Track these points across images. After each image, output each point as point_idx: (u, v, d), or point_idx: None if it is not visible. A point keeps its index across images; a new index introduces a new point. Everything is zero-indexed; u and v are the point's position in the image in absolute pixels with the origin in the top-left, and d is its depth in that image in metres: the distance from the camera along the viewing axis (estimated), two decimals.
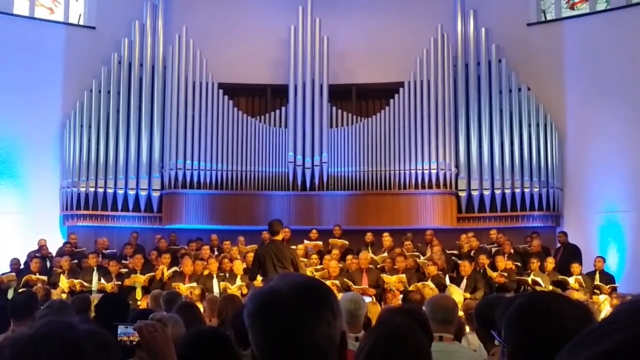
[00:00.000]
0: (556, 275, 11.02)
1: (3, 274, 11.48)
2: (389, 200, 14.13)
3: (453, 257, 11.97)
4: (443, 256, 11.51)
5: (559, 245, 12.60)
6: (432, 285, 10.01)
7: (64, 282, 10.79)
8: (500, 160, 14.10)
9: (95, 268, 11.33)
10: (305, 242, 12.58)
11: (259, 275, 9.00)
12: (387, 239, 12.38)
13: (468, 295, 9.90)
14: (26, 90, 13.77)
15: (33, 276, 11.10)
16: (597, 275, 11.33)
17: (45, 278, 11.07)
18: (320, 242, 12.66)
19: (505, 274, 10.77)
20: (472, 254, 11.89)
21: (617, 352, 0.76)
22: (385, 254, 11.86)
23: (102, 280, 10.95)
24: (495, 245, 12.57)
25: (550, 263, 11.20)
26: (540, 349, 1.49)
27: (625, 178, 13.00)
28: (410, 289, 10.04)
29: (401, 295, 9.50)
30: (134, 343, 1.97)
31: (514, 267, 11.28)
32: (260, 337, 1.40)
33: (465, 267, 10.79)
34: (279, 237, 9.06)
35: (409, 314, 3.35)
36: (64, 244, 13.01)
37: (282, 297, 1.39)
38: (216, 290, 10.42)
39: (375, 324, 2.78)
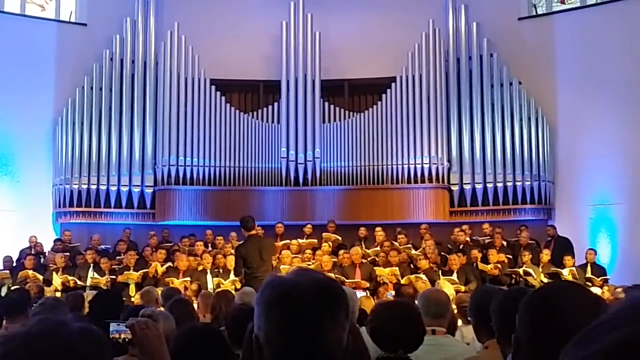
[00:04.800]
0: (550, 268, 11.08)
1: None
2: (382, 195, 14.15)
3: (442, 252, 11.96)
4: (436, 250, 11.54)
5: (549, 239, 12.62)
6: (425, 278, 10.07)
7: (56, 280, 10.78)
8: (492, 154, 14.12)
9: (91, 265, 11.34)
10: (299, 240, 12.58)
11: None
12: (379, 234, 12.42)
13: (462, 288, 9.95)
14: (18, 88, 13.72)
15: (29, 272, 11.08)
16: (589, 268, 11.40)
17: (40, 276, 11.04)
18: (315, 240, 12.64)
19: (499, 266, 10.82)
20: (461, 248, 11.93)
21: (618, 349, 0.75)
22: (378, 248, 11.89)
23: (96, 275, 10.97)
24: (488, 237, 12.61)
25: (546, 255, 11.26)
26: (548, 341, 1.45)
27: (617, 170, 13.05)
28: (403, 281, 10.09)
29: (392, 291, 9.57)
30: (126, 340, 1.98)
31: (506, 260, 11.33)
32: (274, 326, 1.38)
33: (454, 260, 10.82)
34: (256, 232, 9.04)
35: (401, 308, 3.38)
36: (55, 240, 12.94)
37: (305, 291, 1.38)
38: (210, 286, 10.44)
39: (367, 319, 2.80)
